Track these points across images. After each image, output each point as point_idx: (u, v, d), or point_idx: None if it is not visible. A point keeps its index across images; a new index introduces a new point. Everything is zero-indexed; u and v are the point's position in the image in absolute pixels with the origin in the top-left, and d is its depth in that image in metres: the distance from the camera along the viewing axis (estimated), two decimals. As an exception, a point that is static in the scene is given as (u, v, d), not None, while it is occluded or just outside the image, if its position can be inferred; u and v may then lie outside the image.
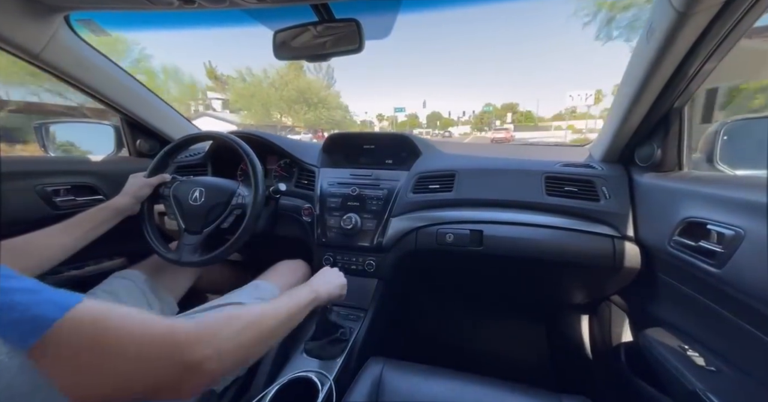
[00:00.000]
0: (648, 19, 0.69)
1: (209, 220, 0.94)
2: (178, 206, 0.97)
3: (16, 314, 0.31)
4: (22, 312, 0.31)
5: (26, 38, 0.87)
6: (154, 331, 0.39)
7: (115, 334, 0.36)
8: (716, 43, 0.63)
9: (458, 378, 0.72)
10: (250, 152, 0.94)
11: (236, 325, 0.47)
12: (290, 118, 32.28)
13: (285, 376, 0.79)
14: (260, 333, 0.51)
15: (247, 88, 31.31)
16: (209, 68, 39.10)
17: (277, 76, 32.24)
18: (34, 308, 0.32)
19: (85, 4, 0.88)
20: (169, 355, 0.38)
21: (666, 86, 0.73)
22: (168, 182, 1.02)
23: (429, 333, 1.51)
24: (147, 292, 0.91)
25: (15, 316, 0.31)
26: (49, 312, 0.32)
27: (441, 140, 1.94)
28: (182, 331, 0.40)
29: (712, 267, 0.57)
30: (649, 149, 0.85)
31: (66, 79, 1.02)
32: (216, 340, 0.43)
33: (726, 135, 0.78)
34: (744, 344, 0.57)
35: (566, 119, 39.59)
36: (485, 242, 0.95)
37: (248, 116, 29.19)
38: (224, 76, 38.74)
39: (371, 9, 0.89)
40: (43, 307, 0.32)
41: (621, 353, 0.96)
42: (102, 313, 0.36)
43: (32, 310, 0.32)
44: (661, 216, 0.76)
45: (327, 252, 1.12)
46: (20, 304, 0.31)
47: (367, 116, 73.69)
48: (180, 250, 0.94)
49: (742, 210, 0.55)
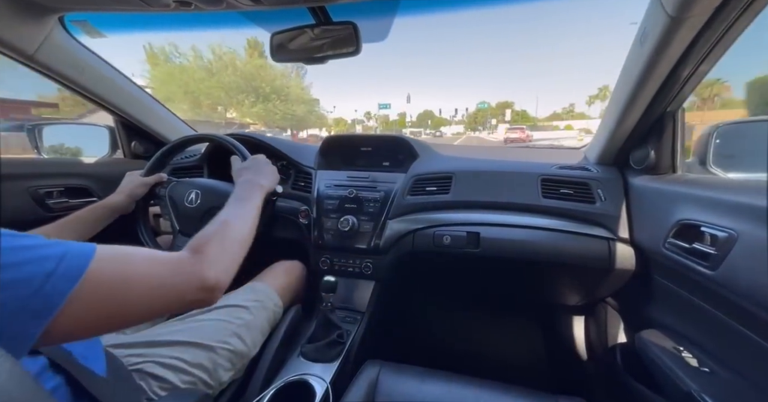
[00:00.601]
0: (641, 24, 0.70)
1: (204, 222, 0.93)
2: (173, 207, 0.96)
3: (48, 266, 0.34)
4: (54, 265, 0.35)
5: (20, 39, 0.86)
6: (167, 267, 0.46)
7: (135, 271, 0.42)
8: (709, 47, 0.64)
9: (455, 380, 0.72)
10: (247, 154, 0.93)
11: (225, 242, 0.56)
12: (234, 111, 25.73)
13: (281, 379, 0.78)
14: (242, 242, 0.61)
15: (169, 71, 24.06)
16: (150, 52, 25.47)
17: (215, 57, 24.88)
18: (63, 261, 0.36)
19: (80, 6, 0.87)
20: (186, 282, 0.46)
21: (660, 90, 0.74)
22: (164, 182, 1.01)
23: (426, 335, 1.51)
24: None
25: (48, 268, 0.34)
26: (74, 265, 0.37)
27: (432, 140, 1.94)
28: (188, 261, 0.48)
29: (706, 269, 0.58)
30: (644, 152, 0.86)
31: (60, 80, 1.01)
32: (215, 258, 0.51)
33: (719, 138, 0.79)
34: (738, 345, 0.58)
35: (564, 119, 39.08)
36: (482, 244, 0.95)
37: (176, 108, 20.52)
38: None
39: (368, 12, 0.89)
40: (69, 259, 0.36)
41: (616, 354, 0.96)
42: (118, 255, 0.42)
43: (62, 263, 0.36)
44: (655, 218, 0.77)
45: (324, 254, 1.11)
46: (48, 256, 0.35)
47: (356, 114, 71.96)
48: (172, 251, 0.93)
49: (735, 212, 0.56)
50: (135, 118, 1.25)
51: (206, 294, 0.48)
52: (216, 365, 0.71)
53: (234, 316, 0.80)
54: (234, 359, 0.75)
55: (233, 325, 0.78)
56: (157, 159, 1.01)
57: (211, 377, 0.70)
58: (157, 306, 0.44)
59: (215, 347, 0.72)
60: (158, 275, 0.44)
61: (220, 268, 0.51)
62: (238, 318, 0.80)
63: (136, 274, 0.42)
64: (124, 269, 0.41)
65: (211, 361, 0.70)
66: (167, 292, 0.44)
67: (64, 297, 0.34)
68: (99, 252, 0.39)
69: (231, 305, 0.83)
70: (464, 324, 1.53)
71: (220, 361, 0.72)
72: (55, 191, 1.05)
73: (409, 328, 1.52)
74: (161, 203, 1.00)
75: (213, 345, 0.72)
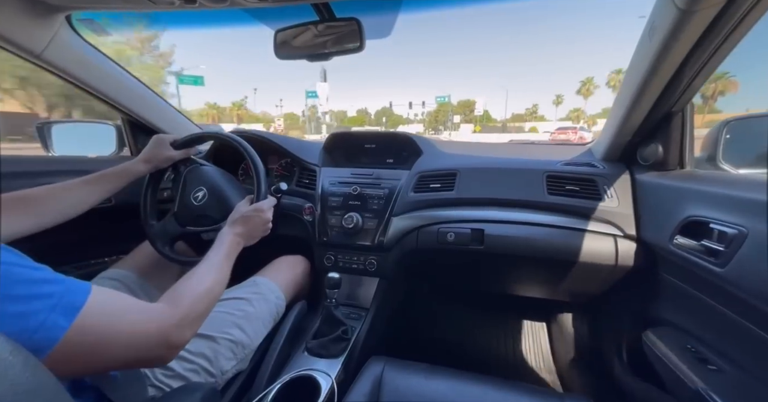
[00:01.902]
0: (650, 17, 0.69)
1: (200, 220, 0.94)
2: (182, 191, 0.96)
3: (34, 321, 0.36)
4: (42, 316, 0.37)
5: (28, 38, 0.87)
6: (148, 325, 0.47)
7: (116, 327, 0.44)
8: (719, 41, 0.62)
9: (459, 377, 0.72)
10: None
11: (204, 302, 0.58)
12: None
13: (287, 374, 0.79)
14: (215, 300, 0.62)
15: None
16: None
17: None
18: (52, 310, 0.38)
19: (87, 4, 0.88)
20: (161, 343, 0.49)
21: (668, 84, 0.73)
22: (188, 161, 0.99)
23: (430, 332, 1.52)
24: (138, 293, 0.89)
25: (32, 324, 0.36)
26: (72, 300, 0.40)
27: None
28: (168, 322, 0.50)
29: (715, 266, 0.57)
30: (652, 148, 0.85)
31: (67, 78, 1.02)
32: (192, 322, 0.54)
33: (729, 133, 0.78)
34: (747, 343, 0.57)
35: (527, 120, 36.76)
36: (486, 241, 0.95)
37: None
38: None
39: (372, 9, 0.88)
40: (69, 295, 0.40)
41: (623, 352, 0.96)
42: (103, 307, 0.44)
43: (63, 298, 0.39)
44: (663, 215, 0.76)
45: (328, 251, 1.12)
46: (37, 310, 0.37)
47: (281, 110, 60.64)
48: (163, 226, 0.95)
49: (745, 209, 0.55)
50: (141, 116, 1.26)
51: (167, 352, 0.50)
52: (217, 354, 0.74)
53: (235, 307, 0.83)
54: (235, 349, 0.77)
55: (234, 316, 0.81)
56: (190, 139, 0.98)
57: (213, 366, 0.73)
58: (131, 350, 0.46)
59: (216, 337, 0.75)
60: (138, 322, 0.47)
61: (188, 331, 0.53)
62: (239, 310, 0.83)
63: (123, 321, 0.45)
64: (113, 313, 0.45)
65: (212, 350, 0.73)
66: (144, 339, 0.47)
67: (64, 330, 0.38)
68: (94, 290, 0.43)
69: (232, 298, 0.85)
70: (468, 321, 1.53)
71: (222, 350, 0.75)
72: None
73: (413, 325, 1.52)
74: (175, 178, 0.99)
75: (214, 335, 0.75)
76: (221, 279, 0.65)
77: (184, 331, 0.52)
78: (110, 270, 0.93)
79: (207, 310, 0.59)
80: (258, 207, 0.81)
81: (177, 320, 0.51)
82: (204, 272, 0.63)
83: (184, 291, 0.57)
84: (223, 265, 0.68)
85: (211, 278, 0.62)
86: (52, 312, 0.37)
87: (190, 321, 0.54)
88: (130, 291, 0.89)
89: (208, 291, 0.59)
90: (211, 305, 0.60)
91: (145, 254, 0.98)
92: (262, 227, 0.81)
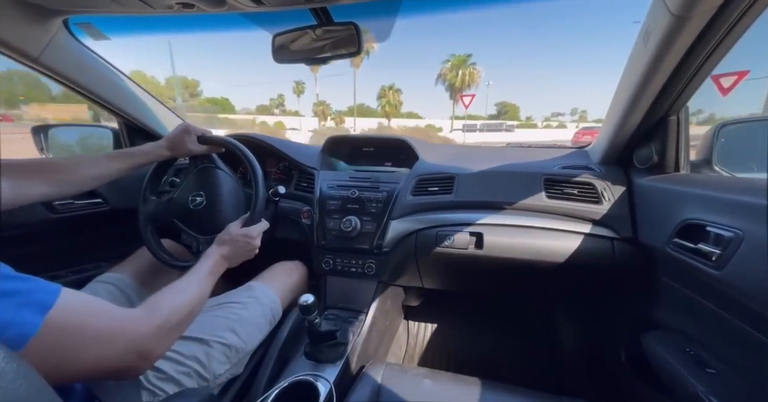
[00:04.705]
0: (644, 23, 0.70)
1: (184, 221, 0.95)
2: (185, 186, 0.96)
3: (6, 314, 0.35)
4: (11, 313, 0.36)
5: (25, 42, 0.87)
6: (122, 330, 0.46)
7: (88, 329, 0.43)
8: (713, 46, 0.63)
9: (457, 381, 0.71)
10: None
11: (181, 314, 0.57)
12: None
13: (285, 379, 0.78)
14: (194, 315, 0.62)
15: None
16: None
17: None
18: (21, 308, 0.37)
19: (84, 8, 0.88)
20: (133, 349, 0.47)
21: (663, 89, 0.74)
22: (205, 158, 0.98)
23: (428, 335, 1.51)
24: (133, 298, 0.88)
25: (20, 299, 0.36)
26: (30, 315, 0.37)
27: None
28: (143, 329, 0.49)
29: (712, 269, 0.57)
30: (648, 151, 0.86)
31: (65, 82, 1.02)
32: (168, 333, 0.53)
33: (723, 137, 0.79)
34: (745, 346, 0.57)
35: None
36: (485, 245, 0.95)
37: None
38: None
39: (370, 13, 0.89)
40: (28, 307, 0.38)
41: (621, 355, 0.96)
42: (74, 308, 0.43)
43: (20, 310, 0.37)
44: (660, 218, 0.76)
45: (326, 254, 1.11)
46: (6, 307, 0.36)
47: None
48: (155, 205, 0.96)
49: (740, 212, 0.55)
50: (139, 120, 1.26)
51: (140, 361, 0.49)
52: (210, 358, 0.74)
53: (229, 311, 0.83)
54: (229, 353, 0.77)
55: (228, 320, 0.81)
56: (215, 140, 0.95)
57: (206, 369, 0.72)
58: (102, 356, 0.44)
59: (209, 341, 0.75)
60: (111, 327, 0.45)
61: (162, 342, 0.52)
62: (232, 313, 0.82)
63: (96, 321, 0.44)
64: (85, 312, 0.44)
65: (205, 354, 0.73)
66: (117, 345, 0.45)
67: (36, 327, 0.37)
68: (64, 291, 0.42)
69: (226, 302, 0.85)
70: (467, 324, 1.53)
71: (215, 354, 0.74)
72: None
73: (411, 329, 1.52)
74: (186, 170, 1.00)
75: (207, 339, 0.75)
76: (202, 294, 0.65)
77: (158, 340, 0.51)
78: (106, 274, 0.92)
79: (184, 323, 0.58)
80: (247, 233, 0.81)
81: (153, 328, 0.50)
82: (186, 286, 0.63)
83: (164, 301, 0.56)
84: (206, 281, 0.68)
85: (192, 291, 0.62)
86: (20, 308, 0.36)
87: (166, 331, 0.53)
88: (125, 295, 0.88)
89: (187, 303, 0.59)
90: (188, 319, 0.60)
91: (142, 259, 0.97)
92: (247, 253, 0.82)
